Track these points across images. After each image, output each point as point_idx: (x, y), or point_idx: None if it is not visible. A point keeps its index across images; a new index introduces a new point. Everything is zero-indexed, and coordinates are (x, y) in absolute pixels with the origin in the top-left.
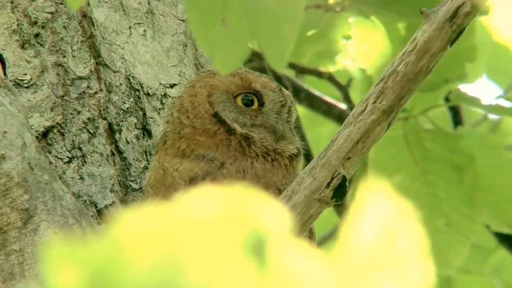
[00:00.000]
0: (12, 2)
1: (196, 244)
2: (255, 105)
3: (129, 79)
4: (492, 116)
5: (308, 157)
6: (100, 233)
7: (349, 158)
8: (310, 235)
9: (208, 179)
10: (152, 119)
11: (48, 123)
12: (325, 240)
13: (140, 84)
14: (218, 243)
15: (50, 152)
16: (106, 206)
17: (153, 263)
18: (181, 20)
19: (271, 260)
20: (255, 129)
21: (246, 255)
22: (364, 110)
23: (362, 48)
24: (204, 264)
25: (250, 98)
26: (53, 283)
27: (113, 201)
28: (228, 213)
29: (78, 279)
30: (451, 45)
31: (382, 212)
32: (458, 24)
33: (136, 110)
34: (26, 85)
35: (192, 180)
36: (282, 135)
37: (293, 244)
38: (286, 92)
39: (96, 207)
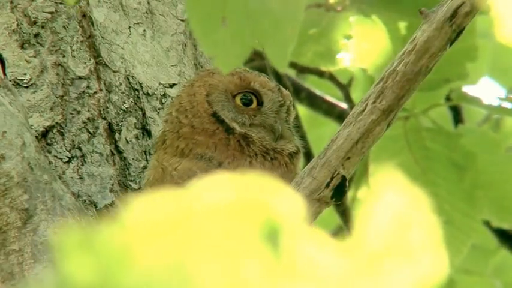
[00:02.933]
0: (11, 2)
1: (210, 232)
2: (254, 105)
3: (128, 79)
4: (494, 117)
5: (309, 157)
6: (113, 220)
7: (348, 158)
8: None
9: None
10: (152, 119)
11: (47, 123)
12: None
13: (140, 84)
14: (232, 231)
15: (49, 152)
16: (106, 206)
17: (167, 250)
18: (181, 20)
19: (286, 248)
20: (253, 128)
21: (261, 243)
22: (363, 110)
23: (363, 48)
24: (218, 253)
25: (249, 97)
26: (67, 271)
27: (112, 201)
28: (242, 201)
29: (91, 267)
30: (450, 45)
31: (396, 202)
32: (457, 24)
33: (136, 110)
34: (25, 85)
35: (191, 180)
36: (280, 134)
37: (307, 233)
38: (285, 92)
39: (95, 207)
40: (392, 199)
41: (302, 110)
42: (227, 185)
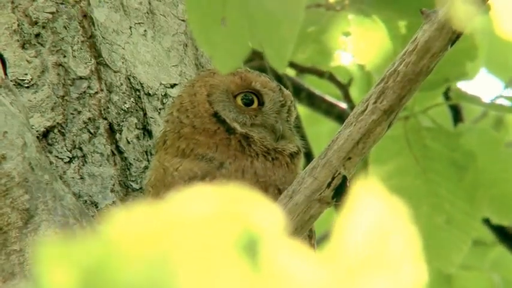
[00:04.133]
0: (12, 2)
1: (189, 243)
2: (255, 105)
3: (129, 79)
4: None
5: (308, 156)
6: (93, 232)
7: (349, 158)
8: (311, 235)
9: (207, 179)
10: (153, 119)
11: (48, 123)
12: (325, 239)
13: (141, 84)
14: (211, 242)
15: (50, 152)
16: (107, 206)
17: (146, 262)
18: (182, 20)
19: (264, 260)
20: (254, 128)
21: (239, 255)
22: (364, 110)
23: (362, 46)
24: (197, 264)
25: (250, 97)
26: (46, 282)
27: (113, 201)
28: (221, 212)
29: (71, 279)
30: (451, 45)
31: (375, 212)
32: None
33: (136, 110)
34: (26, 85)
35: (192, 180)
36: (281, 134)
37: (286, 244)
38: (286, 92)
39: (96, 208)
40: (372, 208)
41: (301, 110)
42: (207, 196)
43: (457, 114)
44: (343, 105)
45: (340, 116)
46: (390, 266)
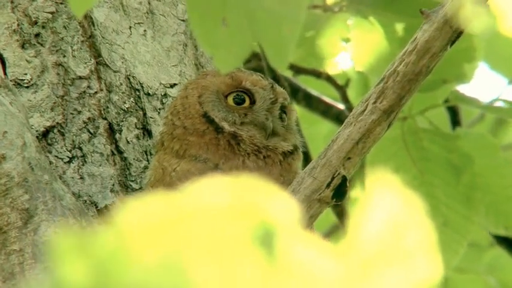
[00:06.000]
0: (12, 2)
1: (204, 236)
2: (247, 104)
3: (129, 79)
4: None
5: (306, 156)
6: (107, 224)
7: (349, 158)
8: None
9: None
10: (152, 119)
11: (48, 123)
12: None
13: (140, 84)
14: (226, 234)
15: (50, 152)
16: (106, 206)
17: (160, 253)
18: (182, 20)
19: (280, 252)
20: (244, 127)
21: (255, 247)
22: (364, 110)
23: (360, 49)
24: (212, 256)
25: (242, 96)
26: (60, 274)
27: (113, 201)
28: (236, 204)
29: (85, 271)
30: (451, 46)
31: (390, 205)
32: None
33: (136, 110)
34: (26, 85)
35: (189, 181)
36: (272, 131)
37: (301, 236)
38: (280, 89)
39: (96, 207)
40: (387, 202)
41: (299, 111)
42: (222, 188)
43: (454, 116)
44: (341, 106)
45: (337, 117)
46: (405, 260)
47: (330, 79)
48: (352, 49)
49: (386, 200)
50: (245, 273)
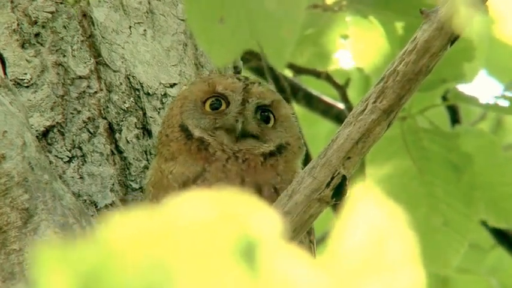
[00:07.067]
0: (12, 2)
1: (187, 248)
2: (223, 108)
3: (129, 78)
4: (493, 114)
5: (306, 155)
6: (91, 236)
7: (349, 158)
8: (309, 231)
9: (199, 182)
10: (152, 119)
11: (48, 123)
12: (324, 239)
13: (140, 83)
14: (209, 247)
15: (50, 152)
16: (106, 206)
17: (144, 266)
18: (182, 20)
19: (262, 264)
20: (217, 131)
21: (237, 259)
22: (364, 110)
23: (359, 48)
24: (195, 269)
25: (218, 101)
26: (44, 286)
27: (113, 201)
28: (218, 217)
29: (68, 283)
30: (451, 45)
31: (372, 216)
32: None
33: (136, 110)
34: (26, 85)
35: (185, 183)
36: (246, 133)
37: (284, 248)
38: (256, 90)
39: (96, 207)
40: (369, 213)
41: (299, 110)
42: (205, 201)
43: (454, 115)
44: (341, 105)
45: (337, 117)
46: (388, 270)
47: (329, 79)
48: (352, 46)
49: (368, 210)
50: (228, 285)
